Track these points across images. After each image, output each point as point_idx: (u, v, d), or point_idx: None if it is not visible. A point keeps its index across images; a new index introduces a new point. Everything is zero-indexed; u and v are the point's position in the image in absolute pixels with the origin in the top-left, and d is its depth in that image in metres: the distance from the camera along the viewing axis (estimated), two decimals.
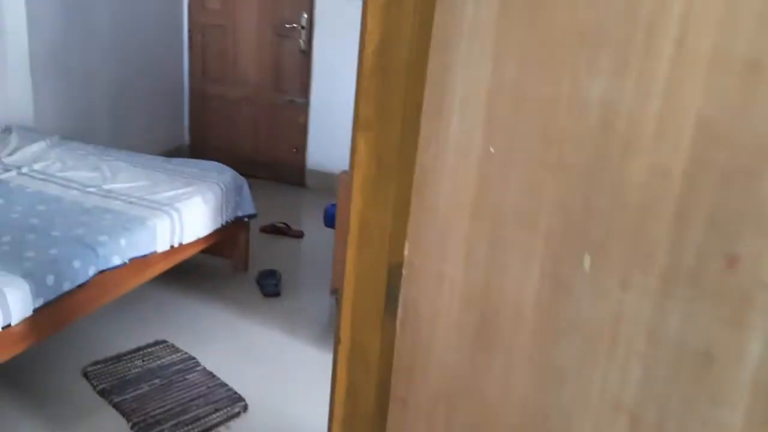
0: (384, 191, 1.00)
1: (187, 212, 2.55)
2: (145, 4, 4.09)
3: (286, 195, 4.42)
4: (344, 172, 3.53)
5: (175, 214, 2.49)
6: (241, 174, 4.56)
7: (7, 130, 3.14)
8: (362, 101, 1.00)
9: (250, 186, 3.12)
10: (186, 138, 4.77)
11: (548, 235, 0.84)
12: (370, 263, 1.03)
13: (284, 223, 3.71)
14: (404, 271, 0.98)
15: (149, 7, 4.14)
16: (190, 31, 4.52)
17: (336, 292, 2.77)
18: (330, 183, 4.46)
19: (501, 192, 0.87)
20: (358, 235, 1.03)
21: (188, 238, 2.58)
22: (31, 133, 3.17)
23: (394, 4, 0.96)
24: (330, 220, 2.97)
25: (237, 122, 4.60)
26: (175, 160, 3.06)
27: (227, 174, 2.94)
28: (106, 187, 2.62)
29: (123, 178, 2.73)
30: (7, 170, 2.70)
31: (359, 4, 3.49)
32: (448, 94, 0.90)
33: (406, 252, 0.98)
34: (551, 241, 0.84)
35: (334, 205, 3.00)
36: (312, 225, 3.80)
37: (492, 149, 0.86)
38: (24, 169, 2.71)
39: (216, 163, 3.04)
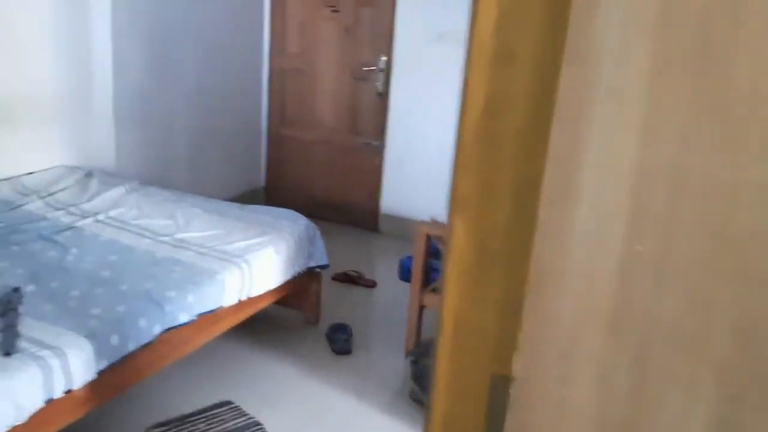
0: (487, 286, 0.81)
1: (258, 264, 2.44)
2: (229, 49, 4.13)
3: (359, 240, 4.29)
4: (423, 222, 3.35)
5: (245, 266, 2.38)
6: (314, 217, 4.49)
7: (89, 174, 3.17)
8: (461, 174, 0.82)
9: (323, 229, 2.99)
10: (262, 181, 4.75)
11: (722, 366, 0.62)
12: (467, 375, 0.83)
13: (356, 272, 3.56)
14: (512, 391, 0.78)
15: (232, 52, 4.18)
16: (270, 75, 4.54)
17: (411, 354, 2.56)
18: (404, 229, 4.31)
19: (652, 303, 0.66)
20: (452, 338, 0.84)
21: (258, 290, 2.47)
22: (111, 177, 3.19)
23: (505, 58, 0.78)
24: (405, 274, 2.79)
25: (312, 165, 4.55)
26: (249, 207, 2.98)
27: (300, 223, 2.83)
28: (179, 236, 2.56)
29: (196, 227, 2.66)
30: (85, 217, 2.69)
31: (441, 46, 3.32)
32: (577, 172, 0.70)
33: (515, 365, 0.78)
34: (726, 375, 0.62)
35: (410, 258, 2.82)
36: (385, 274, 3.64)
37: (639, 246, 0.66)
38: (100, 216, 2.70)
39: (289, 211, 2.94)
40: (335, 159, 4.46)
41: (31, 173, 3.08)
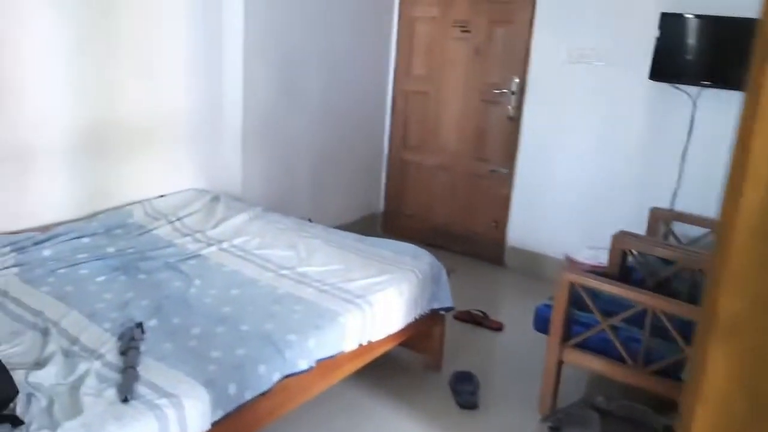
0: None
1: (380, 306, 2.26)
2: (353, 70, 4.05)
3: (483, 274, 4.01)
4: (565, 268, 3.01)
5: (367, 308, 2.20)
6: (434, 247, 4.30)
7: (216, 198, 3.17)
8: (726, 285, 0.55)
9: (443, 260, 2.76)
10: (381, 206, 4.62)
11: None
12: None
13: (481, 312, 3.29)
14: None
15: (356, 73, 4.09)
16: (393, 97, 4.41)
17: (548, 419, 2.26)
18: (533, 264, 3.98)
19: None
20: None
21: (378, 335, 2.28)
22: (236, 202, 3.17)
23: None
24: (542, 324, 2.49)
25: (434, 191, 4.34)
26: (369, 240, 2.82)
27: (424, 260, 2.62)
28: (300, 269, 2.44)
29: (317, 260, 2.54)
30: (210, 244, 2.65)
31: (580, 68, 2.91)
32: None
33: None
34: None
35: (547, 306, 2.51)
36: (513, 315, 3.34)
37: None
38: (224, 245, 2.65)
39: (412, 246, 2.74)
40: (459, 186, 4.23)
41: (162, 196, 3.12)
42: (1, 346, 1.77)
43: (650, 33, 3.31)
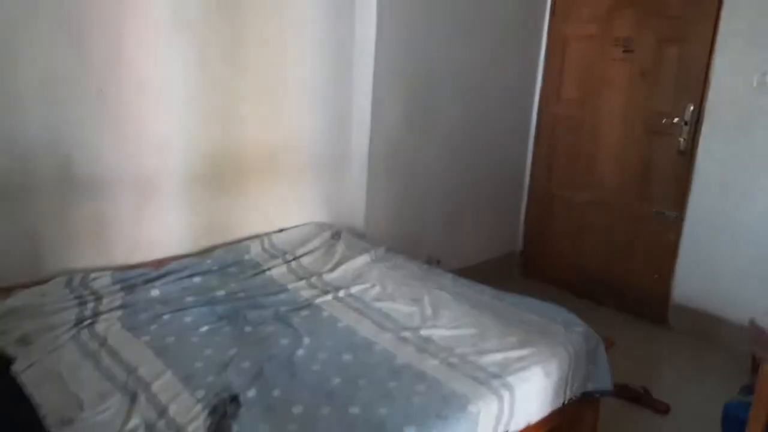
0: None
1: (522, 390, 1.82)
2: (492, 94, 3.64)
3: (641, 335, 3.40)
4: (752, 328, 2.39)
5: (505, 394, 1.78)
6: (581, 296, 3.75)
7: (337, 234, 2.90)
8: None
9: (592, 314, 2.27)
10: (519, 244, 4.14)
11: None
12: None
13: (643, 388, 2.71)
14: None
15: (496, 97, 3.68)
16: (538, 123, 3.94)
17: None
18: (705, 327, 3.30)
19: None
20: None
21: (516, 425, 1.84)
22: (358, 240, 2.88)
23: None
24: (734, 427, 1.91)
25: (582, 232, 3.80)
26: (508, 297, 2.38)
27: (578, 331, 2.14)
28: (425, 332, 2.06)
29: (445, 320, 2.15)
30: (325, 292, 2.36)
31: None
32: None
33: None
34: None
35: (742, 405, 1.93)
36: (680, 393, 2.74)
37: None
38: (341, 293, 2.35)
39: (563, 310, 2.26)
40: (614, 228, 3.65)
41: (282, 230, 2.91)
42: (85, 413, 1.57)
43: None
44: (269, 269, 2.54)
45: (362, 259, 2.65)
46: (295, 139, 2.92)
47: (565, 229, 3.88)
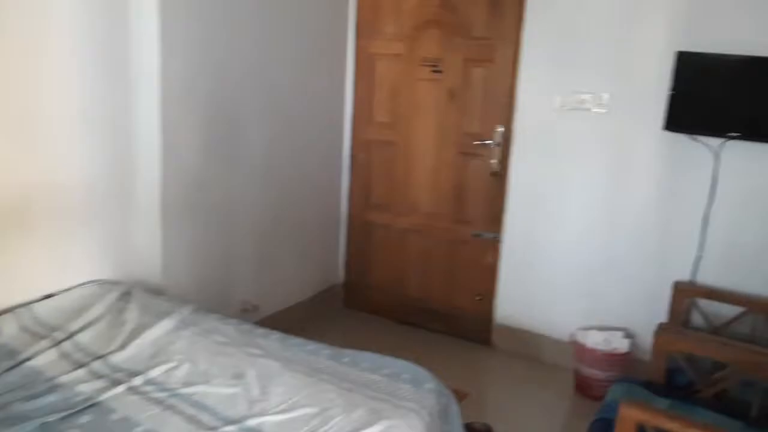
0: None
1: None
2: (302, 118, 3.32)
3: (466, 356, 3.33)
4: (630, 405, 2.29)
5: None
6: (407, 324, 3.60)
7: (126, 295, 2.34)
8: None
9: (418, 340, 2.07)
10: (340, 277, 3.86)
11: None
12: None
13: (486, 426, 2.57)
14: None
15: (306, 123, 3.36)
16: (352, 147, 3.70)
17: None
18: (526, 345, 3.31)
19: None
20: None
21: None
22: (155, 299, 2.35)
23: None
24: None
25: (405, 259, 3.64)
26: (348, 356, 2.06)
27: (428, 388, 1.88)
28: (253, 422, 1.65)
29: (277, 400, 1.76)
30: (115, 382, 1.81)
31: (577, 116, 2.08)
32: None
33: None
34: None
35: (605, 420, 1.83)
36: (511, 410, 2.67)
37: None
38: (137, 380, 1.82)
39: (408, 364, 2.00)
40: (434, 252, 3.54)
41: (49, 296, 2.26)
42: None
43: (663, 75, 2.78)
44: (30, 358, 1.90)
45: (163, 327, 2.13)
46: (60, 179, 2.29)
47: (386, 256, 3.69)
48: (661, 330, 2.25)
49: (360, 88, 3.62)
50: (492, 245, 3.36)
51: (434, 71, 3.37)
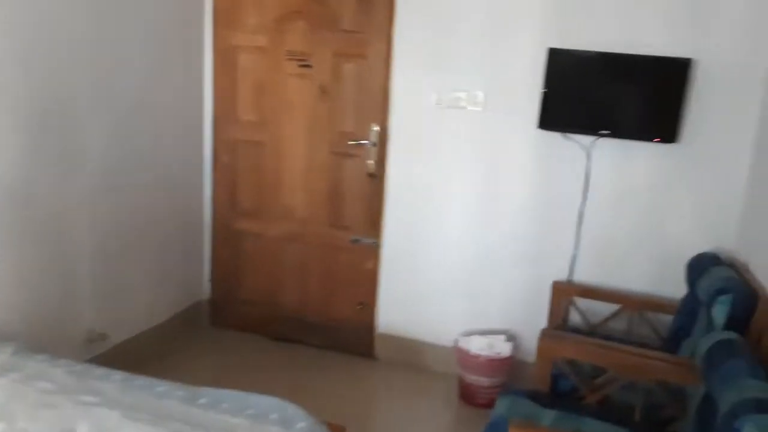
0: None
1: None
2: (153, 119, 2.94)
3: (348, 372, 3.13)
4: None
5: None
6: (285, 340, 3.32)
7: None
8: None
9: (297, 356, 1.86)
10: (205, 292, 3.51)
11: None
12: None
13: None
14: None
15: (158, 122, 2.99)
16: (215, 150, 3.36)
17: None
18: (410, 354, 3.17)
19: None
20: None
21: None
22: None
23: None
24: None
25: (278, 269, 3.36)
26: (205, 394, 1.77)
27: (300, 428, 1.64)
28: None
29: None
30: None
31: (455, 114, 1.98)
32: None
33: None
34: None
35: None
36: (394, 428, 2.51)
37: None
38: None
39: (279, 402, 1.75)
40: (311, 260, 3.30)
41: None
42: None
43: (537, 73, 2.73)
44: None
45: None
46: None
47: (258, 267, 3.39)
48: (544, 336, 2.18)
49: (221, 84, 3.29)
50: (372, 251, 3.18)
51: (302, 66, 3.12)
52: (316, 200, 3.23)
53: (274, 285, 3.38)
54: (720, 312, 2.01)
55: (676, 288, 2.62)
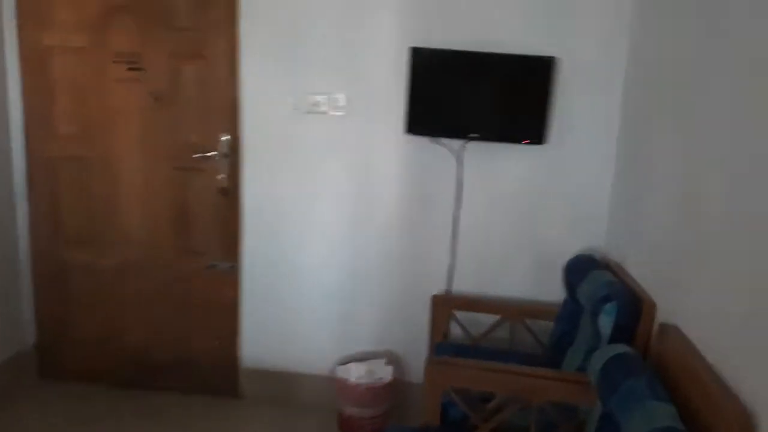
0: None
1: None
2: None
3: (208, 418, 2.74)
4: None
5: None
6: (130, 387, 2.83)
7: None
8: None
9: (147, 405, 1.53)
10: (31, 337, 2.93)
11: None
12: None
13: None
14: None
15: None
16: (29, 171, 2.79)
17: None
18: (282, 389, 2.84)
19: None
20: None
21: None
22: None
23: None
24: None
25: (119, 305, 2.89)
26: None
27: None
28: None
29: None
30: None
31: (317, 117, 1.85)
32: None
33: None
34: None
35: None
36: None
37: None
38: None
39: None
40: (159, 293, 2.86)
41: None
42: None
43: (401, 74, 2.53)
44: None
45: None
46: None
47: (93, 303, 2.88)
48: (430, 366, 1.97)
49: (32, 93, 2.73)
50: (230, 277, 2.81)
51: (132, 69, 2.66)
52: (159, 223, 2.79)
53: (115, 323, 2.89)
54: (606, 321, 1.93)
55: (554, 292, 2.55)
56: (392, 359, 2.73)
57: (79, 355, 2.91)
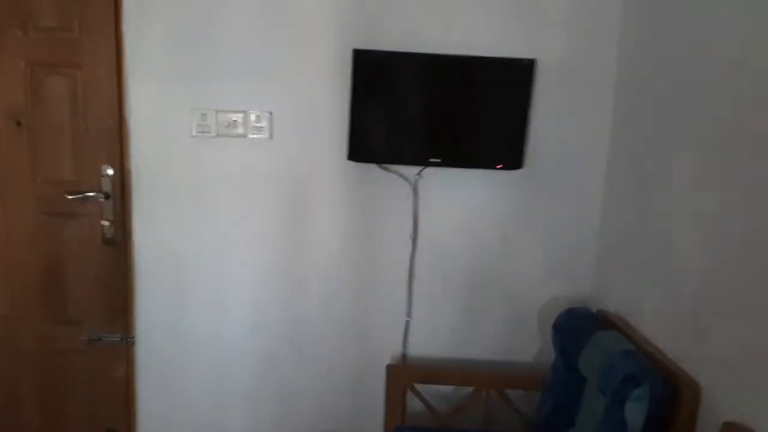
0: None
1: None
2: None
3: None
4: None
5: None
6: None
7: None
8: None
9: None
10: None
11: None
12: None
13: None
14: None
15: None
16: None
17: None
18: None
19: None
20: None
21: None
22: None
23: None
24: None
25: None
26: None
27: None
28: None
29: None
30: None
31: (233, 142, 1.59)
32: None
33: None
34: None
35: None
36: None
37: None
38: None
39: None
40: (24, 376, 2.16)
41: None
42: None
43: (342, 86, 1.99)
44: None
45: None
46: None
47: None
48: None
49: None
50: (120, 352, 2.14)
51: None
52: (22, 285, 2.10)
53: None
54: (635, 410, 1.43)
55: (530, 350, 2.07)
56: None
57: None
